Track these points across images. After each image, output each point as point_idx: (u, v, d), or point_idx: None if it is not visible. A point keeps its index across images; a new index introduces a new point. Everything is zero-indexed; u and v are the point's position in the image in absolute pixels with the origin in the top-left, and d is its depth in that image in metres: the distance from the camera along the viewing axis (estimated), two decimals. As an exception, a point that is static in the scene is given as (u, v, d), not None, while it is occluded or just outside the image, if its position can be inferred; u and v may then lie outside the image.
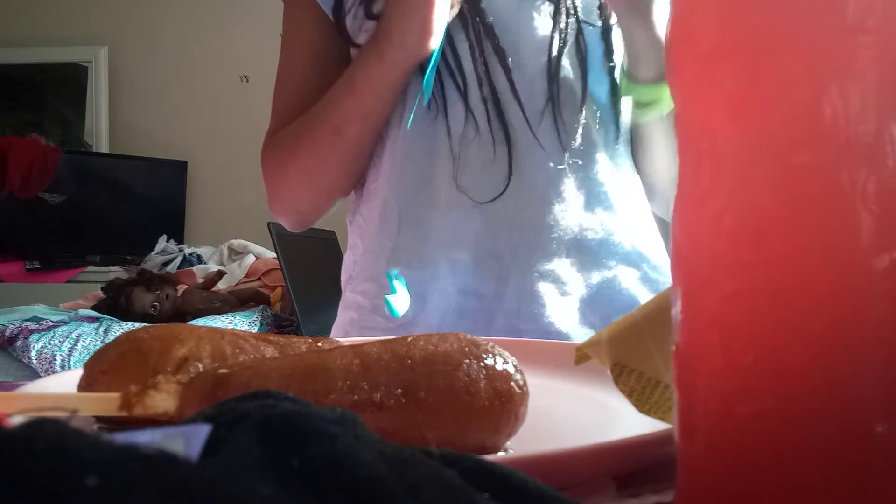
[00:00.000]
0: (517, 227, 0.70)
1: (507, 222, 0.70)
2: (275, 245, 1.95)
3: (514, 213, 0.70)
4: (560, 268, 0.71)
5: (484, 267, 0.70)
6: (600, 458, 0.25)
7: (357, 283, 0.76)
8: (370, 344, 0.29)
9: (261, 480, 0.14)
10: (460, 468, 0.17)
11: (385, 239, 0.73)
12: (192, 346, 0.32)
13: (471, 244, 0.70)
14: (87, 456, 0.12)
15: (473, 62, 0.70)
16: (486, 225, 0.70)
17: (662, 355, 0.29)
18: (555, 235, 0.70)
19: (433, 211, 0.71)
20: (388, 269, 0.72)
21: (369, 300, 0.74)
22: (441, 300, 0.71)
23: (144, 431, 0.15)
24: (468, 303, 0.71)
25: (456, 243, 0.71)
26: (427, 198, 0.71)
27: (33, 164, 2.95)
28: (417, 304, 0.72)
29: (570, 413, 0.39)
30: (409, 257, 0.72)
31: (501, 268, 0.70)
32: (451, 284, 0.71)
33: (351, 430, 0.17)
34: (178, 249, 2.90)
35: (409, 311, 0.72)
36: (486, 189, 0.70)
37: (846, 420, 0.18)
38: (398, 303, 0.65)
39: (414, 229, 0.72)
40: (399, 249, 0.72)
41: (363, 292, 0.75)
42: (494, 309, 0.70)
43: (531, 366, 0.36)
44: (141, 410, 0.27)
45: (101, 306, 2.22)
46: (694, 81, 0.20)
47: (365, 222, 0.76)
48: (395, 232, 0.72)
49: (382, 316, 0.73)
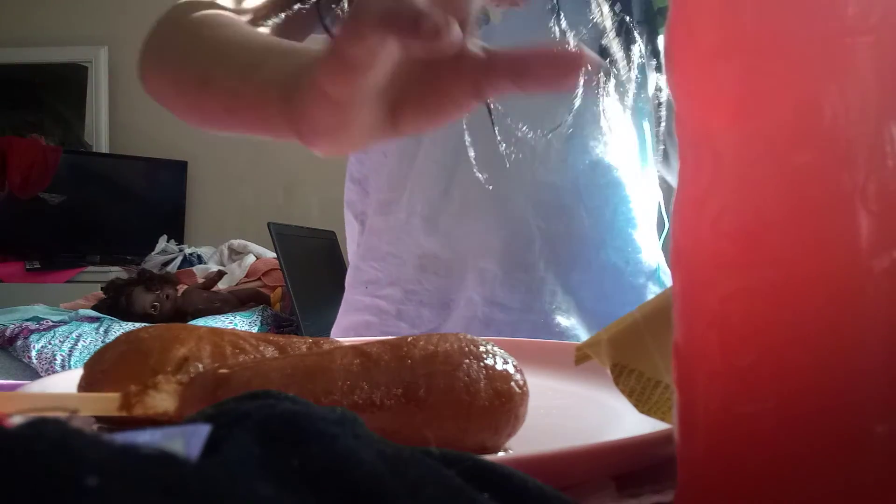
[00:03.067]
0: (547, 239, 0.69)
1: (537, 235, 0.69)
2: (275, 245, 1.95)
3: (542, 225, 0.69)
4: (589, 283, 0.70)
5: (512, 278, 0.70)
6: (600, 458, 0.25)
7: (379, 287, 0.75)
8: (370, 344, 0.29)
9: (261, 480, 0.14)
10: (460, 468, 0.17)
11: (412, 245, 0.72)
12: (192, 346, 0.32)
13: (500, 254, 0.69)
14: (87, 456, 0.12)
15: None
16: (515, 235, 0.69)
17: (662, 355, 0.29)
18: (582, 250, 0.70)
19: (462, 218, 0.70)
20: (416, 275, 0.72)
21: (394, 305, 0.73)
22: (467, 309, 0.70)
23: (144, 431, 0.15)
24: (494, 314, 0.70)
25: (484, 252, 0.70)
26: (454, 204, 0.71)
27: (33, 164, 2.95)
28: (443, 313, 0.71)
29: (570, 413, 0.39)
30: (437, 265, 0.71)
31: (531, 280, 0.69)
32: (478, 294, 0.70)
33: (351, 430, 0.17)
34: (178, 249, 2.90)
35: (434, 319, 0.72)
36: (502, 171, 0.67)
37: (845, 420, 0.18)
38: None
39: (442, 236, 0.71)
40: (426, 256, 0.71)
41: (386, 297, 0.74)
42: (521, 321, 0.69)
43: (531, 366, 0.36)
44: (141, 410, 0.27)
45: (102, 306, 2.22)
46: (694, 81, 0.20)
47: (387, 226, 0.74)
48: (422, 238, 0.72)
49: (407, 322, 0.72)
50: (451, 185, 0.70)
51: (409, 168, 0.72)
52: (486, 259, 0.70)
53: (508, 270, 0.69)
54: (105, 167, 3.25)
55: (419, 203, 0.71)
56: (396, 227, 0.73)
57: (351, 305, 0.78)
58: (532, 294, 0.70)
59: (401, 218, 0.73)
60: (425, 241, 0.71)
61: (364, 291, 0.76)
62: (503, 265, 0.69)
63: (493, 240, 0.69)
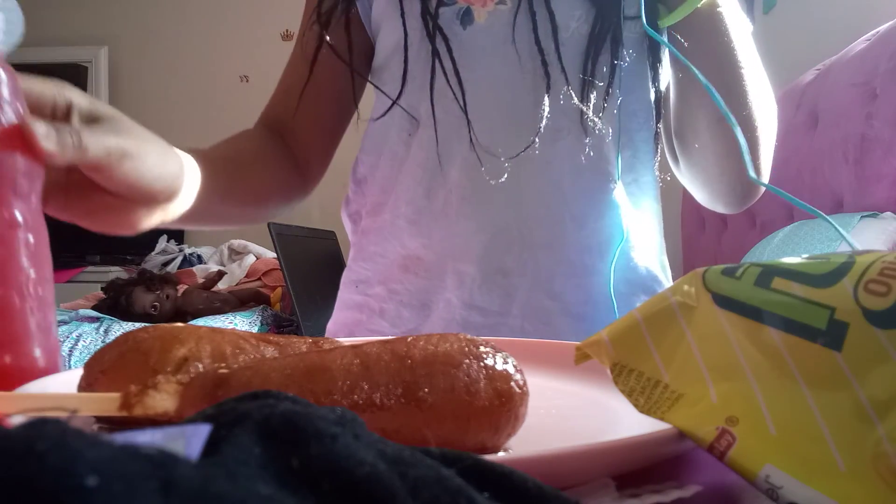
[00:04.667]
0: (527, 245, 0.69)
1: (517, 239, 0.69)
2: (275, 245, 1.95)
3: (525, 231, 0.69)
4: (568, 288, 0.70)
5: (490, 282, 0.70)
6: (600, 458, 0.25)
7: (369, 286, 0.76)
8: (370, 344, 0.29)
9: (261, 480, 0.14)
10: (460, 468, 0.17)
11: (397, 245, 0.73)
12: (192, 346, 0.32)
13: (478, 258, 0.69)
14: (87, 456, 0.12)
15: None
16: (495, 240, 0.69)
17: (662, 355, 0.29)
18: (564, 256, 0.69)
19: (443, 221, 0.70)
20: (399, 275, 0.72)
21: (378, 303, 0.74)
22: (445, 312, 0.70)
23: (144, 431, 0.15)
24: (472, 317, 0.70)
25: (464, 256, 0.70)
26: (436, 207, 0.71)
27: (33, 164, 2.94)
28: (422, 313, 0.72)
29: (570, 413, 0.39)
30: (418, 266, 0.72)
31: (508, 284, 0.70)
32: (457, 297, 0.70)
33: (351, 430, 0.17)
34: (178, 249, 2.90)
35: (413, 319, 0.72)
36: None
37: None
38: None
39: (424, 238, 0.71)
40: (410, 257, 0.72)
41: (374, 295, 0.75)
42: (499, 325, 0.70)
43: (531, 366, 0.36)
44: (141, 410, 0.27)
45: (102, 306, 2.22)
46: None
47: (376, 226, 0.75)
48: (406, 239, 0.72)
49: (388, 321, 0.73)
50: (434, 188, 0.71)
51: (398, 171, 0.73)
52: (465, 262, 0.70)
53: (487, 274, 0.70)
54: (105, 167, 3.25)
55: (404, 205, 0.72)
56: (384, 227, 0.74)
57: (343, 303, 0.79)
58: (510, 298, 0.70)
59: (387, 219, 0.73)
60: (409, 242, 0.72)
61: (355, 290, 0.77)
62: (481, 269, 0.70)
63: (472, 243, 0.70)
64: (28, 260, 0.40)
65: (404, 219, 0.72)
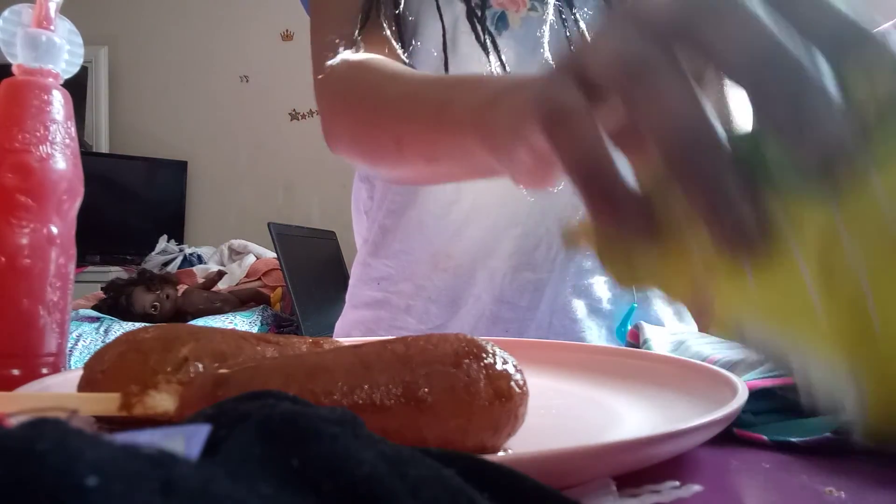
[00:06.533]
0: (557, 240, 0.70)
1: (546, 236, 0.70)
2: (275, 245, 1.95)
3: (554, 227, 0.70)
4: (595, 285, 0.70)
5: (521, 277, 0.70)
6: (600, 458, 0.25)
7: (392, 283, 0.75)
8: (370, 344, 0.29)
9: (261, 480, 0.14)
10: (460, 467, 0.17)
11: (424, 242, 0.73)
12: (192, 346, 0.32)
13: (509, 254, 0.70)
14: (87, 456, 0.12)
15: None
16: (526, 236, 0.70)
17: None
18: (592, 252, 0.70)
19: (473, 217, 0.71)
20: (427, 272, 0.72)
21: (404, 300, 0.74)
22: (475, 307, 0.71)
23: (144, 431, 0.15)
24: (502, 312, 0.71)
25: (494, 252, 0.71)
26: (466, 205, 0.71)
27: (33, 164, 2.94)
28: (450, 309, 0.72)
29: (570, 413, 0.39)
30: (447, 262, 0.72)
31: (537, 280, 0.70)
32: (487, 292, 0.71)
33: (351, 430, 0.17)
34: (178, 249, 2.90)
35: (441, 315, 0.72)
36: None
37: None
38: None
39: (453, 236, 0.72)
40: (438, 254, 0.72)
41: (399, 292, 0.75)
42: (528, 320, 0.70)
43: (531, 366, 0.36)
44: (141, 410, 0.27)
45: (102, 306, 2.22)
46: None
47: (400, 225, 0.75)
48: (433, 236, 0.72)
49: (415, 317, 0.73)
50: (465, 187, 0.71)
51: None
52: (496, 258, 0.70)
53: (518, 269, 0.70)
54: (105, 167, 3.25)
55: (432, 203, 0.72)
56: (409, 225, 0.74)
57: (359, 301, 0.78)
58: (539, 293, 0.70)
59: (413, 216, 0.73)
60: (437, 239, 0.72)
61: (376, 287, 0.77)
62: (512, 264, 0.70)
63: (503, 239, 0.70)
64: (57, 279, 0.41)
65: (432, 216, 0.72)
